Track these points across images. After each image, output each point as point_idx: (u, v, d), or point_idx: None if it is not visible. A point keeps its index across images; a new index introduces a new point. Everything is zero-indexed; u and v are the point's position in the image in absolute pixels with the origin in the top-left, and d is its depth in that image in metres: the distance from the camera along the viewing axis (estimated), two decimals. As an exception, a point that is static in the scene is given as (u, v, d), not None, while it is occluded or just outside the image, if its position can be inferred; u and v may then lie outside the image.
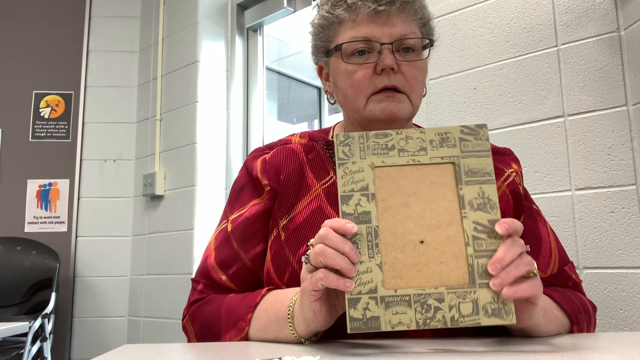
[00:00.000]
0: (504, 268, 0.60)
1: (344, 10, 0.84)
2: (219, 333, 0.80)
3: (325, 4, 0.88)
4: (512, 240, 0.61)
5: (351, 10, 0.83)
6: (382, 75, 0.82)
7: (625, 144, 1.33)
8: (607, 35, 1.38)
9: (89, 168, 2.67)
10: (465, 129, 0.66)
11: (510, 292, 0.59)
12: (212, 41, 2.52)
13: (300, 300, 0.67)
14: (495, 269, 0.60)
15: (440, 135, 0.66)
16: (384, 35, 0.82)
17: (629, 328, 1.29)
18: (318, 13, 0.90)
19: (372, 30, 0.82)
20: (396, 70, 0.82)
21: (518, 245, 0.61)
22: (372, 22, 0.82)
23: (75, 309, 2.57)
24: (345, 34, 0.84)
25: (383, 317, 0.60)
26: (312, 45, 0.93)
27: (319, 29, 0.89)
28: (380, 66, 0.81)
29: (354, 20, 0.83)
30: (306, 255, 0.64)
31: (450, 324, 0.60)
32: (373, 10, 0.81)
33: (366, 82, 0.83)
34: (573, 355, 0.57)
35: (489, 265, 0.61)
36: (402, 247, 0.63)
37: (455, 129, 0.66)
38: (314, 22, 0.91)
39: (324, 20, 0.87)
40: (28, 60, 2.74)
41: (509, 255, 0.60)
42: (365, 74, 0.83)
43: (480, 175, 0.64)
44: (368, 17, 0.82)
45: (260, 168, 0.91)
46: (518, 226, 0.62)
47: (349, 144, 0.66)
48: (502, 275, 0.60)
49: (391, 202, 0.64)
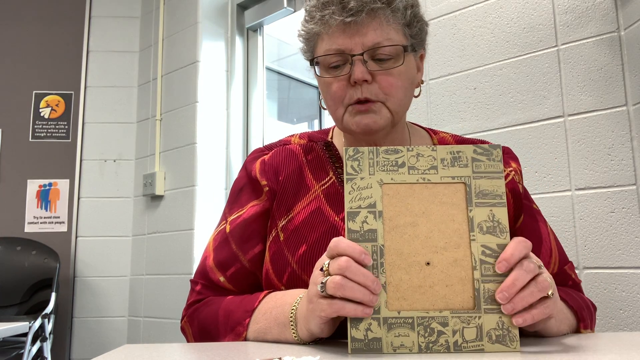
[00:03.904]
0: (518, 294, 0.59)
1: (316, 24, 0.83)
2: (216, 336, 0.80)
3: (304, 17, 0.88)
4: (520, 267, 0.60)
5: (323, 23, 0.82)
6: (355, 87, 0.81)
7: (625, 144, 1.33)
8: (607, 35, 1.38)
9: (89, 168, 2.67)
10: (479, 148, 0.64)
11: (520, 321, 0.59)
12: (212, 41, 2.51)
13: (307, 317, 0.66)
14: (502, 298, 0.59)
15: (452, 154, 0.64)
16: (355, 45, 0.80)
17: (629, 328, 1.28)
18: (300, 25, 0.90)
19: (343, 41, 0.81)
20: (370, 80, 0.81)
21: (527, 270, 0.59)
22: (343, 34, 0.81)
23: (75, 309, 2.57)
24: (321, 47, 0.84)
25: (385, 338, 0.59)
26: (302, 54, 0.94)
27: (303, 41, 0.89)
28: (352, 79, 0.80)
29: (328, 32, 0.82)
30: (322, 284, 0.61)
31: (453, 349, 0.59)
32: (341, 21, 0.80)
33: (342, 94, 0.82)
34: (573, 355, 0.57)
35: (496, 294, 0.59)
36: (408, 268, 0.61)
37: (468, 148, 0.64)
38: (298, 34, 0.90)
39: (304, 33, 0.87)
40: (28, 60, 2.74)
41: (517, 283, 0.59)
42: (340, 86, 0.82)
43: (491, 198, 0.63)
44: (339, 29, 0.81)
45: (259, 169, 0.91)
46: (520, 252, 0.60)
47: (358, 158, 0.64)
48: (515, 301, 0.59)
49: (399, 221, 0.63)
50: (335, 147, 0.93)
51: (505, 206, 0.63)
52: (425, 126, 1.00)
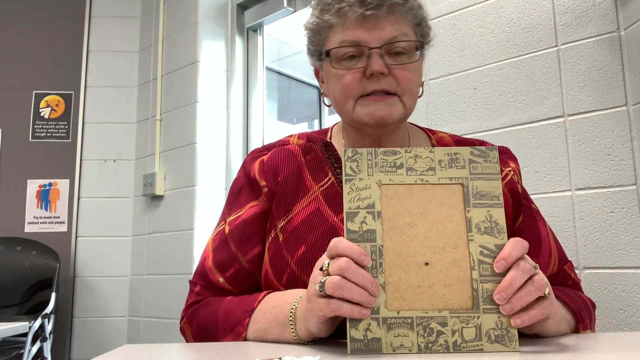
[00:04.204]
0: (516, 294, 0.59)
1: (332, 15, 0.83)
2: (216, 337, 0.80)
3: (315, 8, 0.88)
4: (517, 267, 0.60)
5: (339, 15, 0.82)
6: (371, 79, 0.81)
7: (625, 144, 1.33)
8: (607, 35, 1.38)
9: (89, 168, 2.67)
10: (475, 150, 0.65)
11: (518, 322, 0.59)
12: (212, 41, 2.51)
13: (305, 316, 0.66)
14: (500, 299, 0.59)
15: (450, 155, 0.65)
16: (373, 39, 0.81)
17: (629, 328, 1.28)
18: (310, 17, 0.89)
19: (360, 34, 0.81)
20: (386, 74, 0.81)
21: (524, 271, 0.60)
22: (361, 27, 0.81)
23: (75, 309, 2.57)
24: (335, 38, 0.84)
25: (384, 339, 0.59)
26: (307, 48, 0.93)
27: (311, 33, 0.89)
28: (369, 71, 0.80)
29: (343, 25, 0.82)
30: (320, 284, 0.61)
31: (453, 349, 0.59)
32: (361, 14, 0.80)
33: (355, 86, 0.82)
34: (573, 355, 0.57)
35: (494, 295, 0.60)
36: (407, 268, 0.62)
37: (465, 150, 0.65)
38: (307, 26, 0.90)
39: (315, 25, 0.87)
40: (28, 60, 2.74)
41: (514, 283, 0.59)
42: (354, 78, 0.82)
43: (488, 199, 0.64)
44: (356, 21, 0.81)
45: (258, 169, 0.91)
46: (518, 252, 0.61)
47: (357, 160, 0.65)
48: (514, 301, 0.59)
49: (397, 221, 0.63)
50: (334, 148, 0.93)
51: (502, 207, 0.63)
52: (423, 126, 1.00)
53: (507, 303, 0.59)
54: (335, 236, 0.81)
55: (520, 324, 0.59)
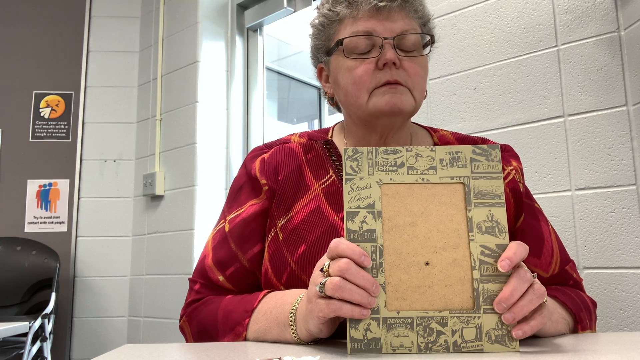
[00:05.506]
0: (517, 303, 0.59)
1: (345, 7, 0.84)
2: (216, 336, 0.80)
3: (325, 2, 0.88)
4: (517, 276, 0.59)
5: (352, 6, 0.83)
6: (384, 70, 0.81)
7: (625, 144, 1.33)
8: (607, 35, 1.38)
9: (89, 168, 2.67)
10: (477, 149, 0.64)
11: (520, 334, 0.59)
12: (212, 41, 2.51)
13: (306, 317, 0.66)
14: (501, 309, 0.59)
15: (451, 154, 0.64)
16: (385, 30, 0.82)
17: (629, 328, 1.28)
18: (318, 13, 0.90)
19: (373, 25, 0.82)
20: (398, 65, 0.81)
21: (525, 280, 0.59)
22: (373, 18, 0.82)
23: (75, 309, 2.57)
24: (346, 30, 0.84)
25: (384, 339, 0.59)
26: (311, 46, 0.93)
27: (319, 28, 0.89)
28: (382, 61, 0.81)
29: (355, 16, 0.83)
30: (321, 285, 0.61)
31: (453, 349, 0.59)
32: (374, 6, 0.81)
33: (368, 78, 0.82)
34: (573, 356, 0.57)
35: (494, 304, 0.59)
36: (407, 268, 0.61)
37: (466, 149, 0.65)
38: (314, 22, 0.91)
39: (325, 18, 0.88)
40: (28, 60, 2.74)
41: (516, 293, 0.59)
42: (367, 69, 0.82)
43: (490, 198, 0.63)
44: (369, 12, 0.82)
45: (258, 168, 0.91)
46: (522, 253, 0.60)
47: (357, 159, 0.64)
48: (515, 310, 0.59)
49: (398, 221, 0.63)
50: (335, 146, 0.93)
51: (504, 206, 0.63)
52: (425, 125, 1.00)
53: (509, 312, 0.59)
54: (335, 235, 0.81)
55: (522, 335, 0.59)
